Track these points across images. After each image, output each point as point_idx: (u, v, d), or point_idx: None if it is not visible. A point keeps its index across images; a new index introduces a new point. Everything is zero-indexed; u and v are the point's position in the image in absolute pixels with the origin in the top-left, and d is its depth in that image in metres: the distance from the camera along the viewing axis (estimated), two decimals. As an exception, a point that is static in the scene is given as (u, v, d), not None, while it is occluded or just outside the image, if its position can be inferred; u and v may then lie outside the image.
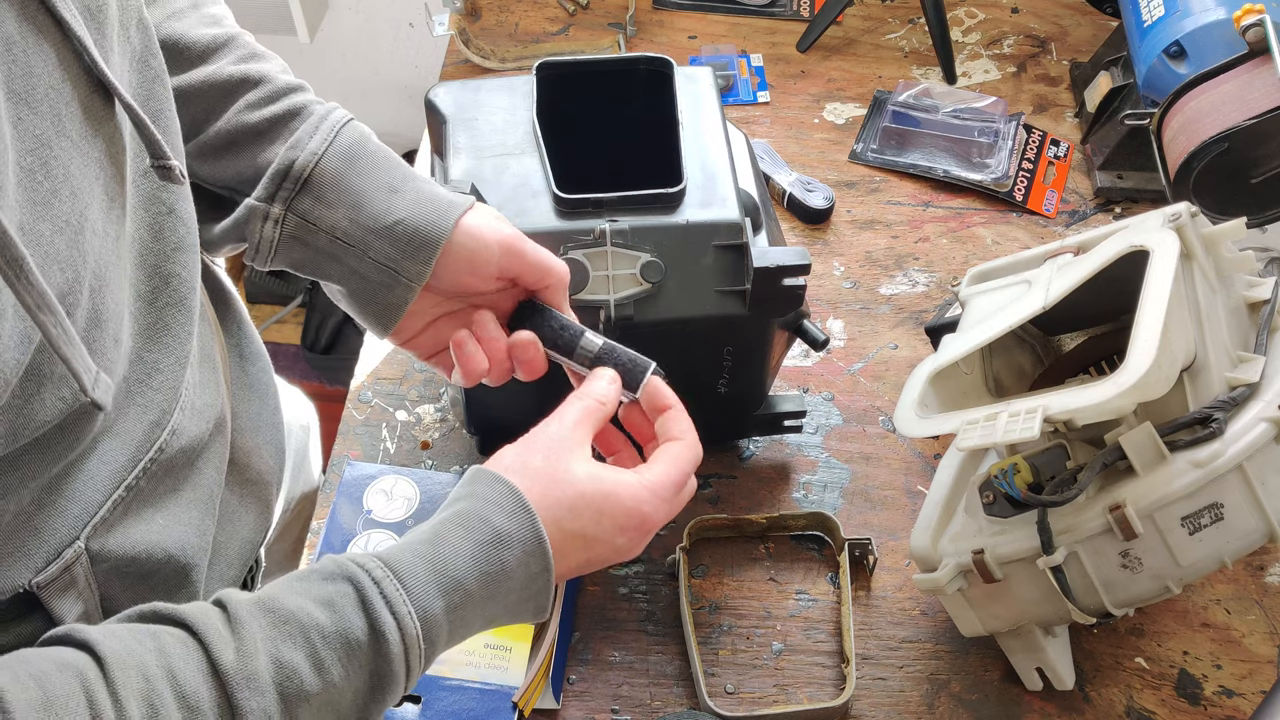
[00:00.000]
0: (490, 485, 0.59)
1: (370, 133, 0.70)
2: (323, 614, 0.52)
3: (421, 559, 0.55)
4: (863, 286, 1.05)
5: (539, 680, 0.77)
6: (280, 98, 0.68)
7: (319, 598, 0.53)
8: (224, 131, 0.68)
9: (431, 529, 0.57)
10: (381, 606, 0.52)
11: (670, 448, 0.66)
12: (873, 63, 1.26)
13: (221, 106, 0.68)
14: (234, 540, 0.71)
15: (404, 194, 0.67)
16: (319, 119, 0.68)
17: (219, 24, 0.71)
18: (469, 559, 0.56)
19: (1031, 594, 0.72)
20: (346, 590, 0.53)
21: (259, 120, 0.67)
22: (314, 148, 0.66)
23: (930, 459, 0.93)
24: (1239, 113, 0.87)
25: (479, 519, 0.57)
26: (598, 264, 0.75)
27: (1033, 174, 1.14)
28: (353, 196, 0.66)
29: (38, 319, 0.44)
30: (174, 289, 0.60)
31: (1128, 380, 0.63)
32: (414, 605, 0.53)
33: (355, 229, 0.66)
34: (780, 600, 0.85)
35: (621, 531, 0.61)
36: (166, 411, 0.59)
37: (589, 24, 1.28)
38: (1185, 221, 0.72)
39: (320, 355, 2.03)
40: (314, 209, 0.66)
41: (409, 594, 0.53)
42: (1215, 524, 0.67)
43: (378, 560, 0.54)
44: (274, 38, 1.94)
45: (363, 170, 0.67)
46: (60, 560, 0.54)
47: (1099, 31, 1.28)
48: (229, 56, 0.69)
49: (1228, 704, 0.80)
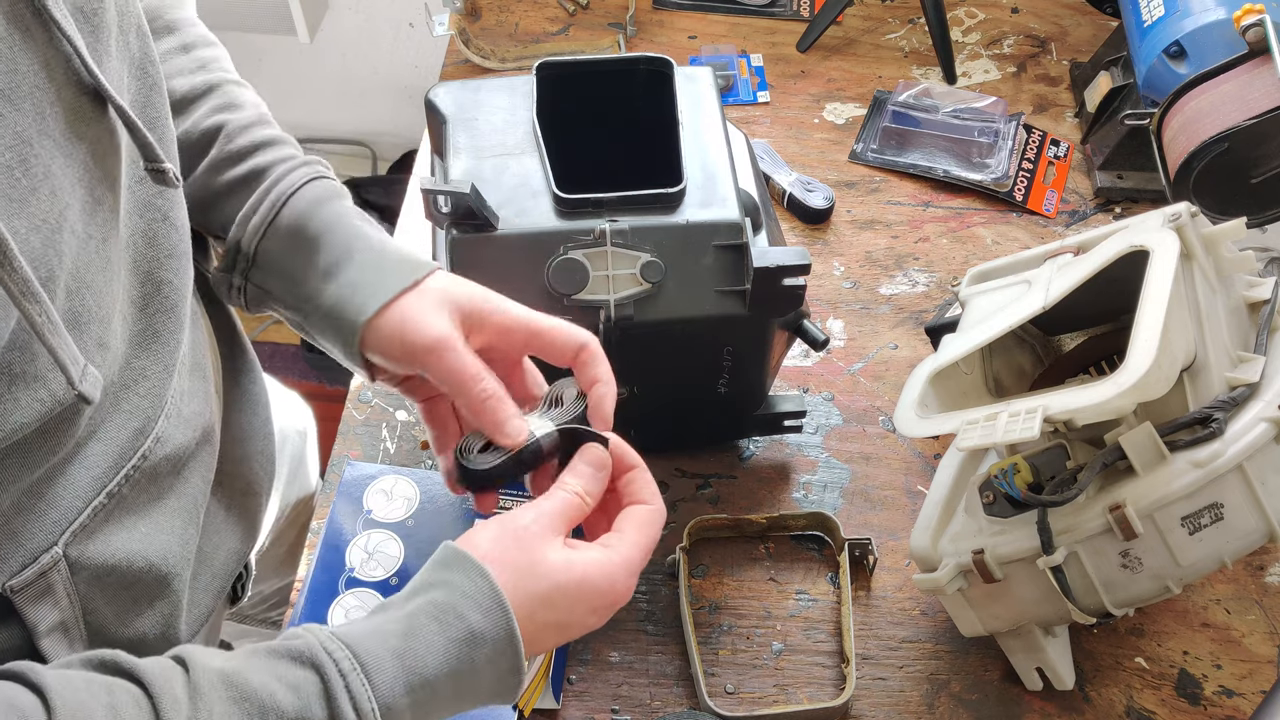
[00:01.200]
0: (467, 576, 0.57)
1: (326, 197, 0.69)
2: (285, 697, 0.51)
3: (391, 653, 0.54)
4: (863, 286, 1.05)
5: (539, 680, 0.77)
6: (244, 159, 0.69)
7: (284, 680, 0.52)
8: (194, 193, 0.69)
9: (404, 619, 0.55)
10: (345, 701, 0.51)
11: (638, 513, 0.64)
12: (873, 63, 1.26)
13: (191, 165, 0.69)
14: (220, 551, 0.71)
15: (335, 278, 0.66)
16: (265, 191, 0.68)
17: (205, 69, 0.71)
18: (440, 656, 0.55)
19: (1031, 594, 0.72)
20: (312, 678, 0.52)
21: (222, 184, 0.69)
22: (255, 225, 0.67)
23: (930, 459, 0.93)
24: (1239, 113, 0.87)
25: (454, 614, 0.56)
26: (598, 264, 0.75)
27: (1033, 174, 1.14)
28: (290, 276, 0.67)
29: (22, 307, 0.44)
30: (165, 295, 0.60)
31: (1128, 380, 0.63)
32: (378, 701, 0.52)
33: (298, 304, 0.67)
34: (780, 600, 0.85)
35: (593, 612, 0.61)
36: (151, 418, 0.59)
37: (589, 24, 1.28)
38: (1185, 221, 0.72)
39: (320, 355, 2.01)
40: (265, 280, 0.68)
41: (374, 689, 0.52)
42: (1215, 524, 0.67)
43: (347, 651, 0.53)
44: (274, 38, 1.95)
45: (300, 249, 0.67)
46: (36, 565, 0.53)
47: (1099, 31, 1.28)
48: (204, 108, 0.70)
49: (1228, 704, 0.80)
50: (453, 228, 0.75)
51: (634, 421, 0.85)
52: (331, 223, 0.67)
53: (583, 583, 0.59)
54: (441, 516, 0.86)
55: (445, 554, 0.58)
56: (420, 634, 0.55)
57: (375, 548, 0.84)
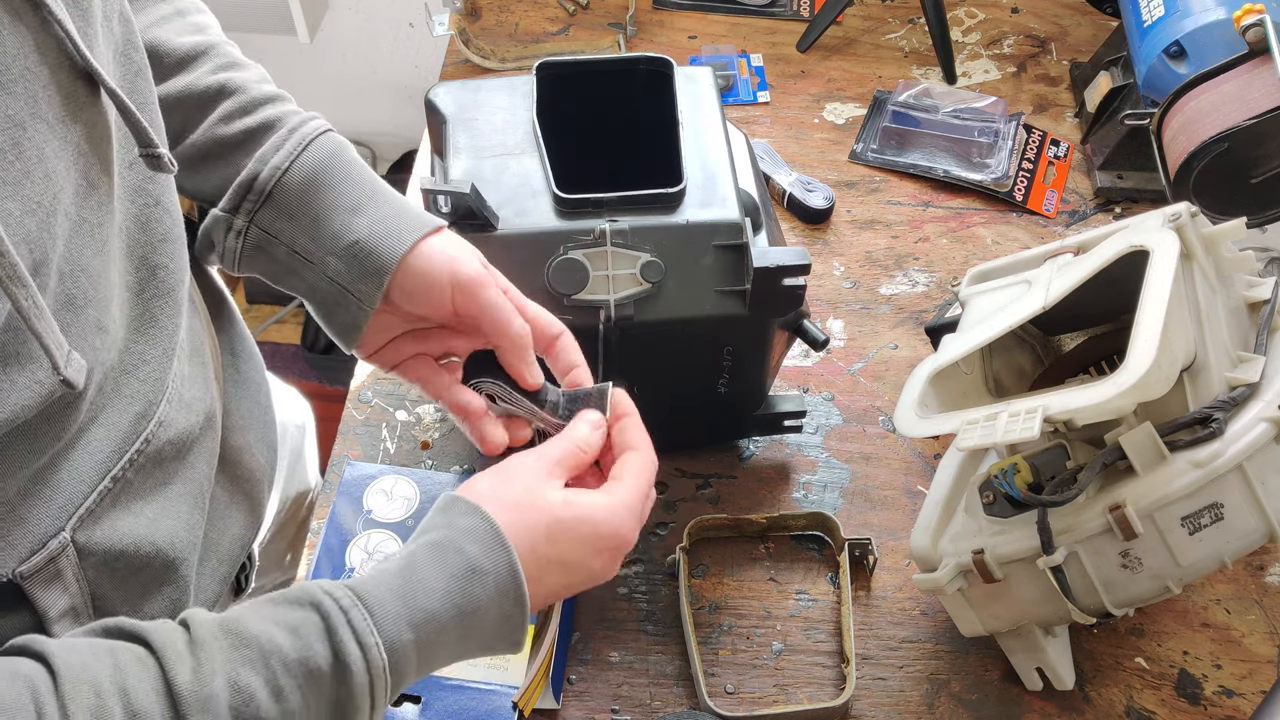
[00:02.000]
0: (465, 515, 0.57)
1: (345, 145, 0.69)
2: (286, 640, 0.51)
3: (392, 590, 0.54)
4: (863, 286, 1.05)
5: (539, 680, 0.77)
6: (255, 109, 0.68)
7: (284, 623, 0.52)
8: (199, 144, 0.68)
9: (403, 559, 0.56)
10: (347, 636, 0.51)
11: (631, 460, 0.65)
12: (873, 63, 1.26)
13: (197, 118, 0.68)
14: (225, 537, 0.71)
15: (365, 214, 0.66)
16: (289, 131, 0.67)
17: (202, 32, 0.71)
18: (441, 592, 0.55)
19: (1031, 594, 0.72)
20: (312, 618, 0.52)
21: (233, 133, 0.67)
22: (278, 162, 0.66)
23: (930, 459, 0.93)
24: (1239, 113, 0.87)
25: (453, 550, 0.56)
26: (598, 264, 0.75)
27: (1033, 174, 1.14)
28: (313, 212, 0.66)
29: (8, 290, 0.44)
30: (161, 280, 0.60)
31: (1128, 380, 0.63)
32: (382, 637, 0.52)
33: (313, 245, 0.66)
34: (780, 600, 0.85)
35: (598, 554, 0.61)
36: (153, 403, 0.59)
37: (589, 24, 1.28)
38: (1185, 221, 0.72)
39: (320, 355, 2.03)
40: (275, 222, 0.66)
41: (377, 625, 0.52)
42: (1215, 524, 0.67)
43: (346, 589, 0.53)
44: (274, 38, 1.95)
45: (326, 187, 0.66)
46: (45, 551, 0.53)
47: (1099, 31, 1.28)
48: (207, 65, 0.69)
49: (1228, 704, 0.80)
50: (453, 227, 0.75)
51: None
52: (352, 165, 0.68)
53: (584, 520, 0.60)
54: (441, 516, 0.86)
55: (443, 501, 0.59)
56: (420, 571, 0.55)
57: (375, 548, 0.84)
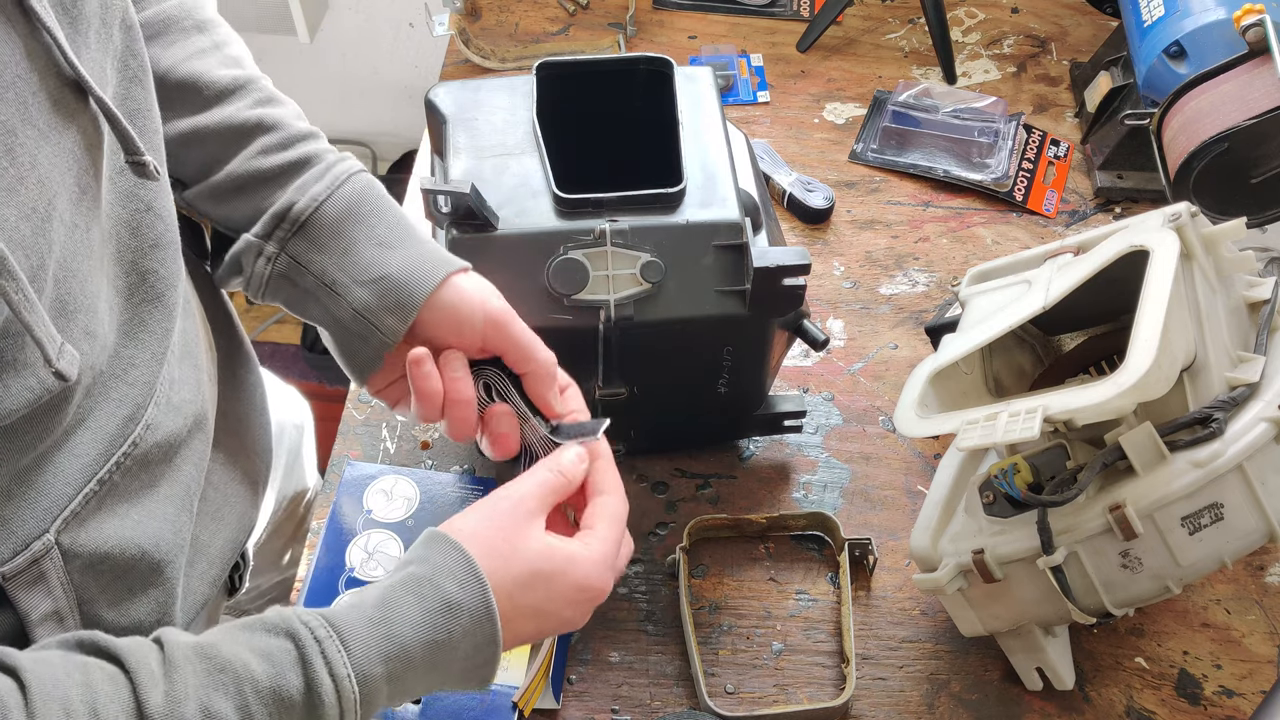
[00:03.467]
0: (445, 552, 0.59)
1: (377, 185, 0.71)
2: (259, 666, 0.51)
3: (367, 621, 0.55)
4: (863, 286, 1.05)
5: (539, 680, 0.77)
6: (292, 145, 0.69)
7: (258, 650, 0.52)
8: (236, 175, 0.68)
9: (381, 592, 0.57)
10: (320, 667, 0.52)
11: (604, 506, 0.66)
12: (873, 63, 1.26)
13: (234, 150, 0.69)
14: (217, 539, 0.71)
15: (396, 250, 0.67)
16: (326, 167, 0.69)
17: (239, 65, 0.72)
18: (415, 625, 0.56)
19: (1031, 594, 0.72)
20: (287, 646, 0.53)
21: (270, 166, 0.68)
22: (316, 193, 0.67)
23: (930, 459, 0.93)
24: (1239, 113, 0.87)
25: (430, 585, 0.57)
26: (598, 264, 0.75)
27: (1033, 174, 1.14)
28: (344, 244, 0.67)
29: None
30: (151, 285, 0.60)
31: (1128, 380, 0.63)
32: (354, 668, 0.53)
33: (342, 276, 0.67)
34: (780, 600, 0.85)
35: (571, 605, 0.62)
36: (141, 406, 0.59)
37: (589, 24, 1.28)
38: (1185, 221, 0.72)
39: (320, 355, 2.04)
40: (306, 251, 0.67)
41: (350, 656, 0.53)
42: (1215, 524, 0.67)
43: (322, 619, 0.54)
44: (274, 38, 1.95)
45: (360, 220, 0.68)
46: (28, 552, 0.53)
47: (1099, 31, 1.28)
48: (246, 99, 0.70)
49: (1228, 704, 0.80)
50: (453, 228, 0.75)
51: (634, 421, 0.85)
52: (385, 203, 0.69)
53: (561, 572, 0.61)
54: (441, 516, 0.86)
55: (425, 537, 0.60)
56: (397, 604, 0.56)
57: (375, 548, 0.84)
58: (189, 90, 0.69)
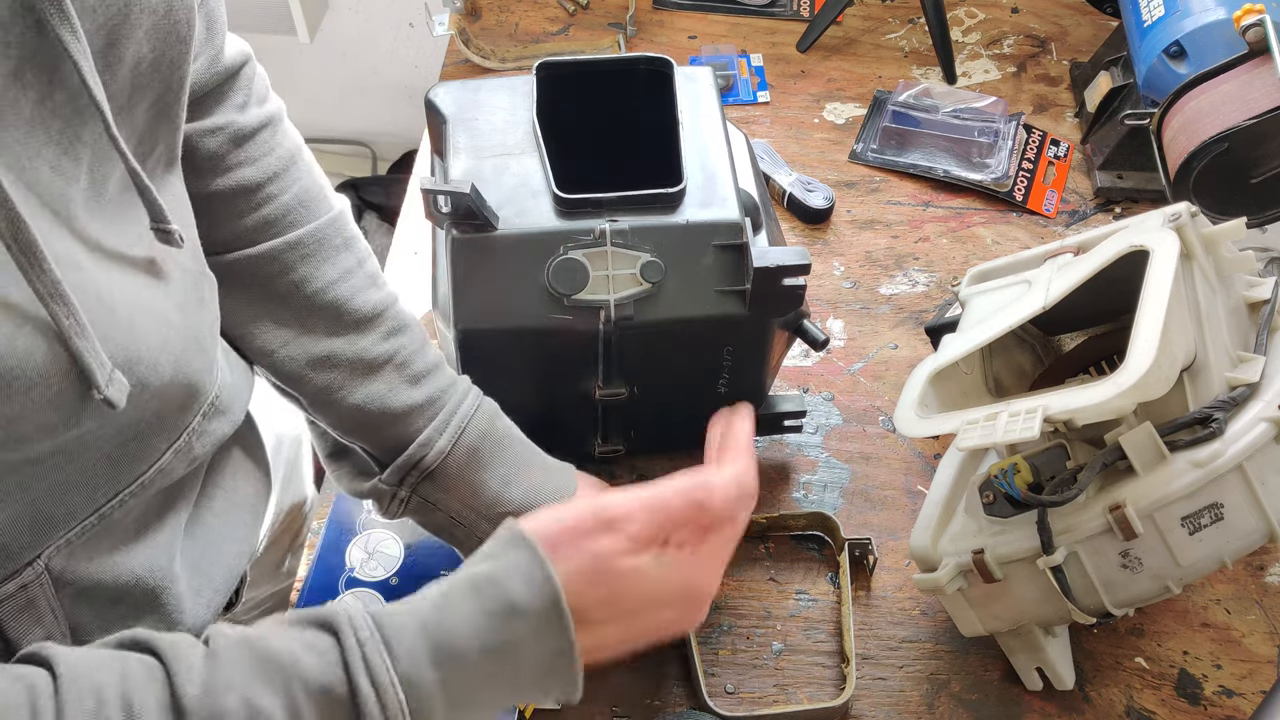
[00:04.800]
0: (515, 549, 0.54)
1: (496, 418, 0.75)
2: (309, 661, 0.49)
3: (418, 624, 0.51)
4: (863, 286, 1.05)
5: (539, 680, 0.77)
6: (419, 381, 0.73)
7: (308, 644, 0.50)
8: (367, 409, 0.72)
9: (442, 590, 0.53)
10: (360, 671, 0.49)
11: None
12: (873, 63, 1.26)
13: (361, 382, 0.72)
14: (218, 566, 0.71)
15: (515, 485, 0.73)
16: (450, 413, 0.73)
17: (376, 284, 0.75)
18: (471, 629, 0.51)
19: (1031, 594, 0.72)
20: (330, 644, 0.50)
21: (399, 407, 0.72)
22: (442, 446, 0.72)
23: (930, 459, 0.93)
24: (1239, 113, 0.87)
25: (492, 584, 0.53)
26: (598, 264, 0.75)
27: (1033, 174, 1.14)
28: (470, 487, 0.73)
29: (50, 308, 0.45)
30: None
31: (1128, 380, 0.63)
32: (399, 674, 0.49)
33: (468, 513, 0.73)
34: (780, 600, 0.85)
35: (666, 605, 0.58)
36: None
37: (589, 24, 1.28)
38: (1185, 221, 0.72)
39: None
40: (434, 493, 0.73)
41: (394, 661, 0.50)
42: (1215, 524, 0.67)
43: (369, 619, 0.51)
44: (274, 38, 1.95)
45: (482, 465, 0.73)
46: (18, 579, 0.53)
47: (1099, 31, 1.28)
48: (380, 330, 0.73)
49: (1228, 704, 0.80)
50: (453, 228, 0.74)
51: (634, 421, 0.85)
52: (504, 439, 0.74)
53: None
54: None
55: (501, 530, 0.56)
56: (454, 605, 0.52)
57: (375, 548, 0.84)
58: (331, 313, 0.72)
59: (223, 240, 0.68)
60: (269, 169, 0.71)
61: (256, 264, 0.70)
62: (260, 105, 0.73)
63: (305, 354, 0.72)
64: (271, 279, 0.71)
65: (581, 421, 0.85)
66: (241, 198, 0.70)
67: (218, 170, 0.69)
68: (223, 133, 0.69)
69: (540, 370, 0.80)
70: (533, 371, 0.80)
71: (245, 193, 0.70)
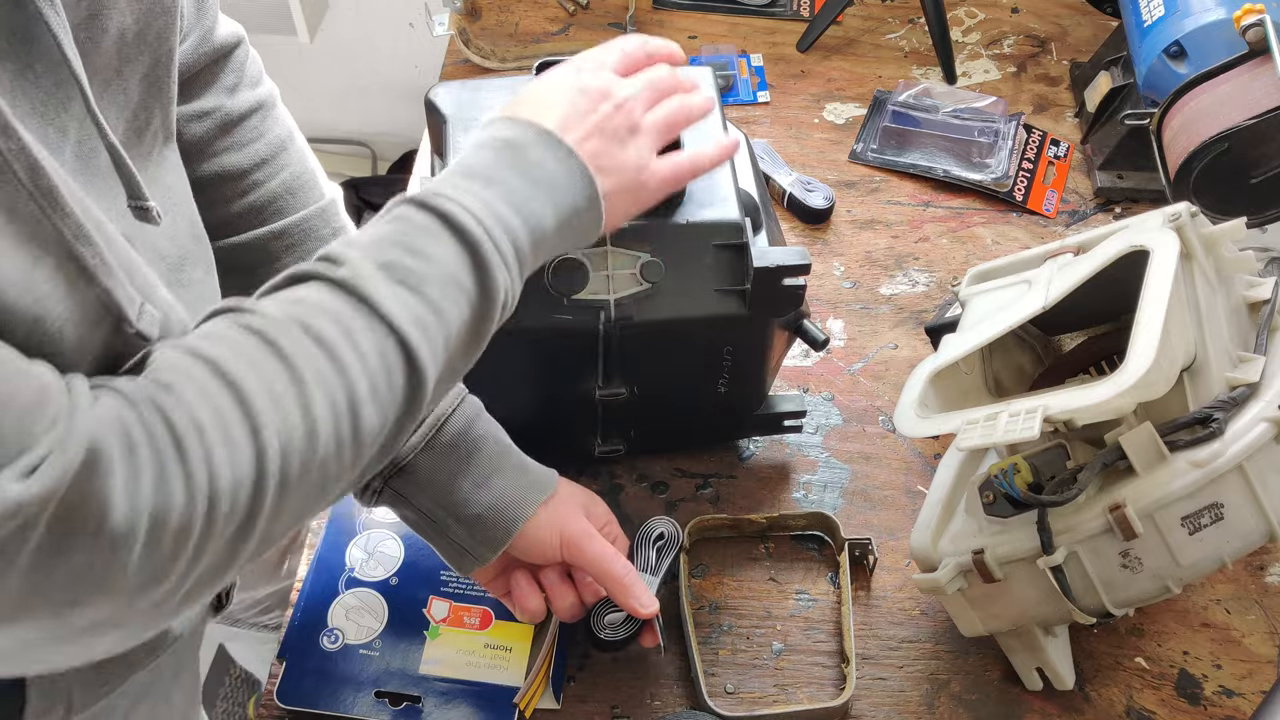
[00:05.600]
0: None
1: (475, 416, 0.75)
2: (390, 229, 0.55)
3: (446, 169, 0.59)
4: (863, 286, 1.05)
5: (539, 681, 0.77)
6: None
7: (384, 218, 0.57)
8: None
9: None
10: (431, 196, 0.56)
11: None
12: (873, 63, 1.26)
13: None
14: None
15: (487, 489, 0.73)
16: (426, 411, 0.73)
17: None
18: (479, 145, 0.60)
19: (1031, 594, 0.72)
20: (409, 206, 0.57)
21: None
22: (414, 443, 0.72)
23: (930, 459, 0.93)
24: (1239, 113, 0.87)
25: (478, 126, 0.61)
26: (597, 263, 0.75)
27: (1033, 174, 1.14)
28: (441, 486, 0.72)
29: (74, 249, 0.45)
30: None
31: (1128, 380, 0.63)
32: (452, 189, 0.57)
33: (439, 511, 0.73)
34: (780, 600, 0.85)
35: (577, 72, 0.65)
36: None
37: (589, 24, 1.28)
38: (1185, 221, 0.72)
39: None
40: (405, 487, 0.73)
41: (429, 185, 0.57)
42: (1215, 524, 0.67)
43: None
44: (274, 38, 1.95)
45: (455, 464, 0.73)
46: None
47: (1099, 31, 1.28)
48: None
49: (1228, 704, 0.80)
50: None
51: (634, 421, 0.85)
52: (480, 439, 0.74)
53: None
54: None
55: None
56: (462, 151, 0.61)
57: (375, 547, 0.84)
58: None
59: (208, 227, 0.68)
60: (256, 155, 0.70)
61: (241, 253, 0.70)
62: (252, 89, 0.72)
63: None
64: (255, 268, 0.71)
65: (581, 421, 0.85)
66: (227, 184, 0.70)
67: (204, 155, 0.69)
68: (210, 118, 0.69)
69: (540, 370, 0.80)
70: (532, 371, 0.80)
71: (231, 179, 0.69)
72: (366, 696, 0.76)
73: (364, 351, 0.51)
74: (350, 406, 0.50)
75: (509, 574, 0.77)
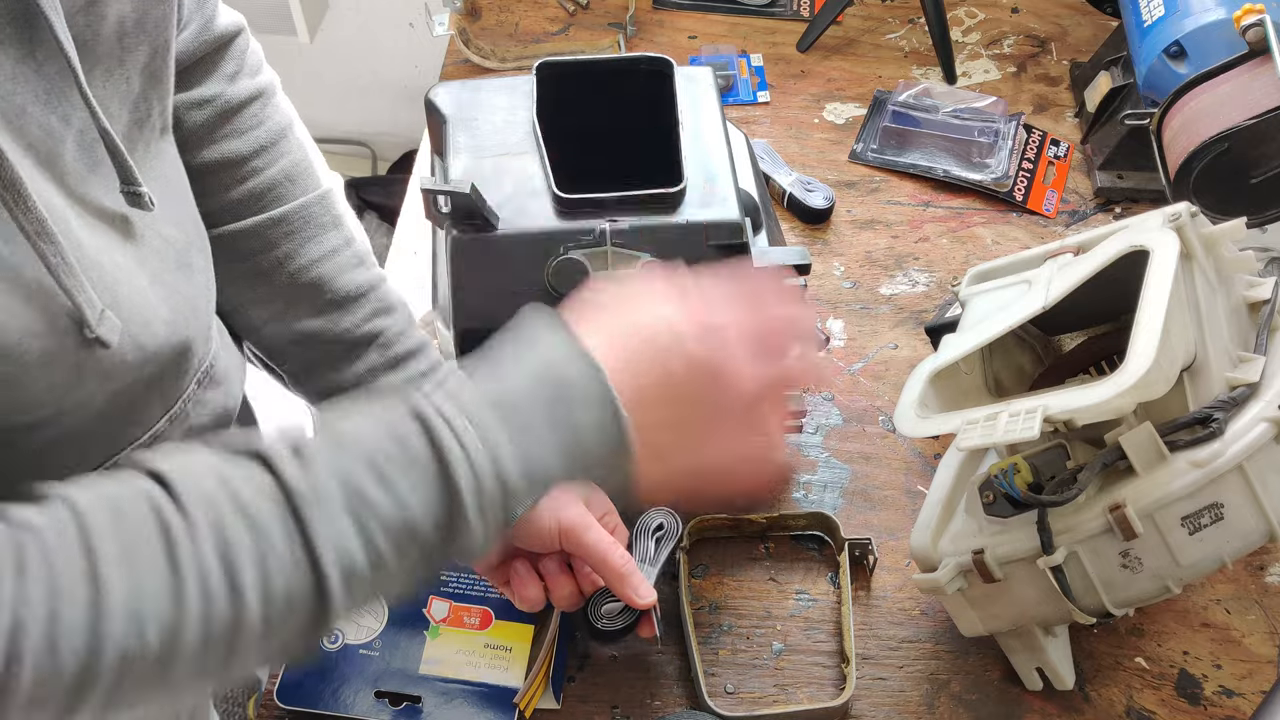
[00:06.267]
0: (544, 329, 0.54)
1: None
2: (379, 435, 0.50)
3: (467, 380, 0.52)
4: (863, 286, 1.05)
5: (539, 681, 0.77)
6: (399, 365, 0.74)
7: (370, 414, 0.51)
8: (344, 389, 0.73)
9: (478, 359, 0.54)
10: (430, 410, 0.50)
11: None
12: (873, 63, 1.26)
13: (344, 363, 0.73)
14: None
15: None
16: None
17: (363, 264, 0.75)
18: (519, 372, 0.52)
19: (1031, 594, 0.72)
20: (397, 403, 0.51)
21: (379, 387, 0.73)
22: None
23: (930, 459, 0.93)
24: (1239, 113, 0.87)
25: (528, 343, 0.53)
26: (598, 264, 0.75)
27: (1033, 174, 1.14)
28: None
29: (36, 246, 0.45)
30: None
31: (1128, 380, 0.63)
32: (465, 410, 0.50)
33: None
34: (780, 600, 0.85)
35: (704, 392, 0.55)
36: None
37: (589, 24, 1.28)
38: (1185, 221, 0.72)
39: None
40: None
41: (458, 403, 0.51)
42: (1215, 524, 0.67)
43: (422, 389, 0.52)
44: (274, 38, 1.95)
45: None
46: None
47: (1099, 31, 1.28)
48: (364, 310, 0.74)
49: (1228, 704, 0.80)
50: (453, 228, 0.75)
51: (634, 421, 0.85)
52: None
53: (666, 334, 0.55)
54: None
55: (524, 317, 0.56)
56: (499, 361, 0.53)
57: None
58: (314, 292, 0.72)
59: (207, 214, 0.68)
60: (256, 142, 0.71)
61: (240, 239, 0.70)
62: (252, 77, 0.73)
63: (288, 331, 0.72)
64: (254, 255, 0.71)
65: (581, 421, 0.85)
66: (227, 170, 0.70)
67: (204, 142, 0.69)
68: (210, 105, 0.69)
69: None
70: (533, 371, 0.80)
71: (231, 165, 0.70)
72: (366, 696, 0.77)
73: (271, 586, 0.45)
74: (228, 631, 0.45)
75: (508, 563, 0.76)
